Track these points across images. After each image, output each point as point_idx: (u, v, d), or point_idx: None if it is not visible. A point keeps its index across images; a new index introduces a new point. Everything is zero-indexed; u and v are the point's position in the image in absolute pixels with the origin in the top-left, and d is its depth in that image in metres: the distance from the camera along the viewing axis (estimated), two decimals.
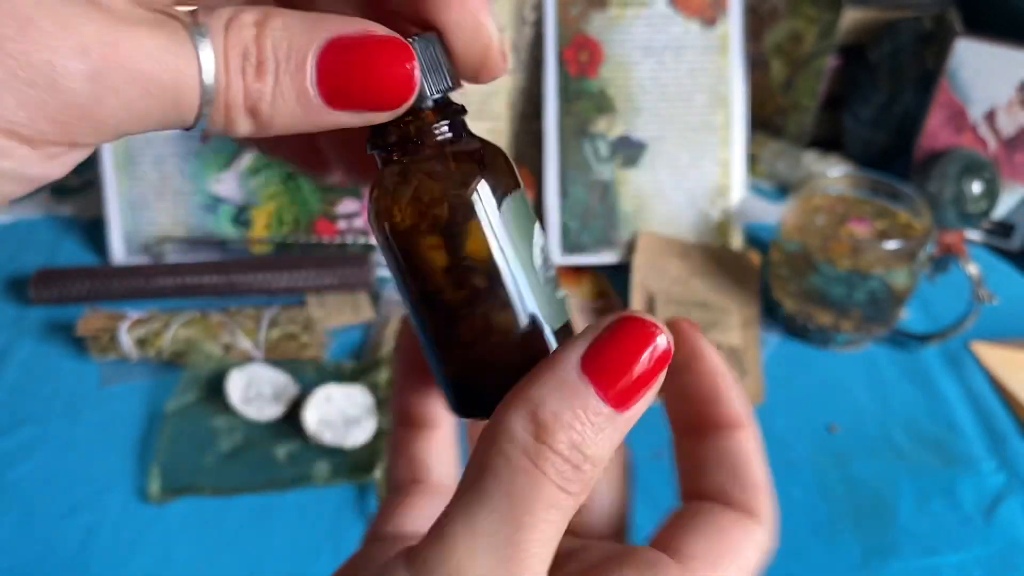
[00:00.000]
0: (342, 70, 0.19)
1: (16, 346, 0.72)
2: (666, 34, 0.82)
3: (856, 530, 0.59)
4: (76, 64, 0.16)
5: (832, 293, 0.70)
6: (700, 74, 0.83)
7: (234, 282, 0.76)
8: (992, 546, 0.58)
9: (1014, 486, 0.62)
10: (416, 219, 0.21)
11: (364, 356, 0.72)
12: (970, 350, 0.73)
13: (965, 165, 0.83)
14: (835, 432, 0.66)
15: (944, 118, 0.85)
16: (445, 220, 0.21)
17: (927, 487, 0.62)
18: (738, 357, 0.72)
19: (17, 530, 0.59)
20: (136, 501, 0.60)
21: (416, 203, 0.21)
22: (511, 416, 0.19)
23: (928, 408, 0.68)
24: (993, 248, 0.87)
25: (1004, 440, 0.66)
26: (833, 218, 0.73)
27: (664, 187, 0.83)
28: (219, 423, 0.65)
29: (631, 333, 0.20)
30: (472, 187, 0.21)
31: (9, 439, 0.65)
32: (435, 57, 0.21)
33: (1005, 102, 0.82)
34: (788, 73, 0.94)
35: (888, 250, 0.67)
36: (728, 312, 0.76)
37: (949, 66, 0.83)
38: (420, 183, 0.21)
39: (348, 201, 0.81)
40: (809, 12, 0.90)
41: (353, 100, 0.19)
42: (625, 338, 0.20)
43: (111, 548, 0.58)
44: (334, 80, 0.19)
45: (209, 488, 0.61)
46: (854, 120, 0.91)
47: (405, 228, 0.21)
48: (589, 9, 0.81)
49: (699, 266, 0.80)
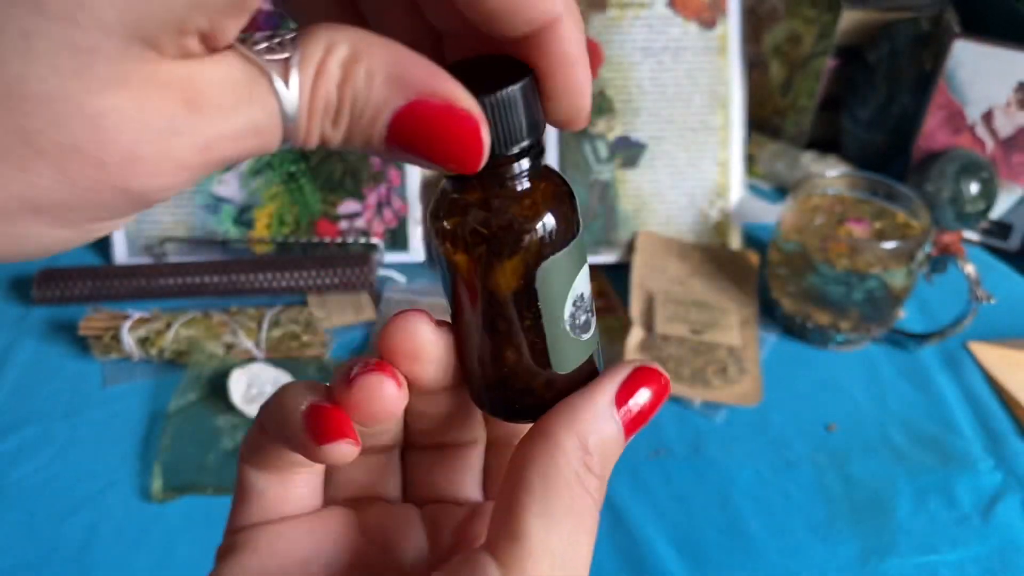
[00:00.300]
0: (413, 133, 0.19)
1: (18, 346, 0.73)
2: (665, 35, 0.83)
3: (854, 529, 0.60)
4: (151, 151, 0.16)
5: (830, 293, 0.70)
6: (699, 75, 0.83)
7: (236, 282, 0.76)
8: (989, 545, 0.59)
9: (1011, 485, 0.63)
10: (467, 250, 0.22)
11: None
12: (968, 350, 0.74)
13: (963, 165, 0.83)
14: (833, 431, 0.67)
15: (942, 119, 0.85)
16: (493, 258, 0.22)
17: (925, 486, 0.63)
18: (736, 356, 0.72)
19: (20, 529, 0.59)
20: (138, 500, 0.61)
21: (473, 235, 0.22)
22: (568, 440, 0.23)
23: (926, 407, 0.69)
24: (990, 248, 0.87)
25: (1001, 439, 0.66)
26: (831, 218, 0.73)
27: (663, 187, 0.84)
28: (221, 422, 0.65)
29: (647, 379, 0.24)
30: (527, 235, 0.22)
31: (12, 438, 0.65)
32: (521, 107, 0.21)
33: (1003, 102, 0.82)
34: (786, 74, 0.94)
35: (886, 250, 0.68)
36: (727, 312, 0.76)
37: (947, 67, 0.83)
38: (481, 217, 0.22)
39: (349, 202, 0.81)
40: (807, 13, 0.90)
41: (420, 155, 0.19)
42: (643, 383, 0.24)
43: (113, 547, 0.58)
44: (403, 139, 0.19)
45: (211, 487, 0.61)
46: (852, 121, 0.91)
47: (456, 255, 0.22)
48: (588, 10, 0.82)
49: (698, 266, 0.81)
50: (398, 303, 0.77)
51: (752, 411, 0.68)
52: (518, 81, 0.21)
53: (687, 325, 0.74)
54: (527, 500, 0.22)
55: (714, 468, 0.63)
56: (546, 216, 0.22)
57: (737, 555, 0.58)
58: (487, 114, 0.20)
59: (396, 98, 0.19)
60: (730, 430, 0.67)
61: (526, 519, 0.22)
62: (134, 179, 0.16)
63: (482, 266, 0.22)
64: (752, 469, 0.63)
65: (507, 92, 0.20)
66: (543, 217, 0.22)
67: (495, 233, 0.22)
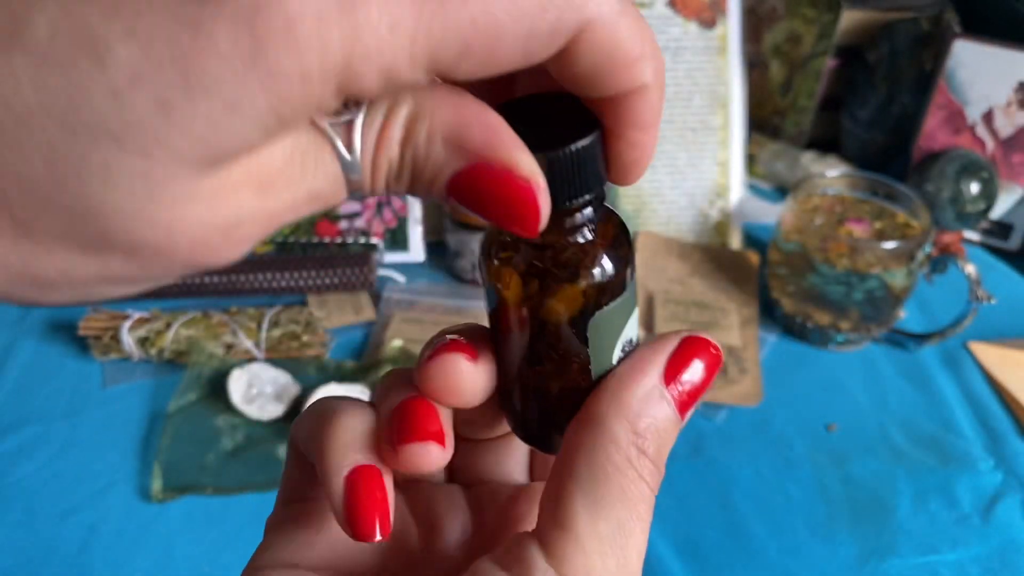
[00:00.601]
0: (470, 195, 0.19)
1: (18, 346, 0.73)
2: (665, 35, 0.83)
3: (854, 529, 0.60)
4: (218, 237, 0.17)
5: (830, 293, 0.70)
6: (699, 75, 0.83)
7: (236, 282, 0.76)
8: (989, 545, 0.59)
9: (1011, 485, 0.63)
10: (520, 289, 0.22)
11: (365, 356, 0.72)
12: (968, 350, 0.74)
13: (963, 165, 0.83)
14: (833, 431, 0.67)
15: (942, 119, 0.85)
16: (547, 300, 0.22)
17: (925, 486, 0.63)
18: (737, 356, 0.72)
19: (20, 529, 0.59)
20: (138, 500, 0.61)
21: (527, 276, 0.22)
22: (617, 425, 0.22)
23: (926, 407, 0.69)
24: (991, 248, 0.87)
25: (1001, 439, 0.66)
26: (831, 218, 0.73)
27: (663, 187, 0.84)
28: (221, 422, 0.65)
29: (697, 350, 0.23)
30: (583, 282, 0.21)
31: (12, 438, 0.65)
32: (587, 164, 0.20)
33: (1003, 102, 0.82)
34: (786, 74, 0.94)
35: (886, 250, 0.68)
36: (727, 312, 0.76)
37: (947, 67, 0.83)
38: (537, 262, 0.22)
39: (349, 202, 0.81)
40: (807, 13, 0.90)
41: (477, 212, 0.19)
42: (693, 355, 0.23)
43: (113, 547, 0.58)
44: (462, 198, 0.19)
45: (211, 487, 0.61)
46: (852, 121, 0.91)
47: (504, 294, 0.22)
48: None
49: (698, 266, 0.81)
50: (398, 303, 0.77)
51: (752, 411, 0.68)
52: (586, 137, 0.20)
53: (687, 325, 0.74)
54: (574, 489, 0.21)
55: (714, 468, 0.63)
56: (602, 264, 0.22)
57: (737, 555, 0.58)
58: (551, 168, 0.19)
59: (454, 161, 0.18)
60: (730, 430, 0.67)
61: (574, 508, 0.21)
62: (202, 259, 0.17)
63: (534, 306, 0.22)
64: (752, 469, 0.63)
65: (575, 149, 0.20)
66: (599, 265, 0.21)
67: (551, 276, 0.21)
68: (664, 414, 0.22)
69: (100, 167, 0.15)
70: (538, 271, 0.22)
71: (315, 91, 0.16)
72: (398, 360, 0.70)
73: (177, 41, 0.14)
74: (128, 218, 0.16)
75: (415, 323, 0.74)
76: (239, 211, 0.17)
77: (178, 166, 0.15)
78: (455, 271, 0.80)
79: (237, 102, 0.15)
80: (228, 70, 0.15)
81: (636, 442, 0.22)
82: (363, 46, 0.16)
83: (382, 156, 0.18)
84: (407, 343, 0.72)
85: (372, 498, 0.22)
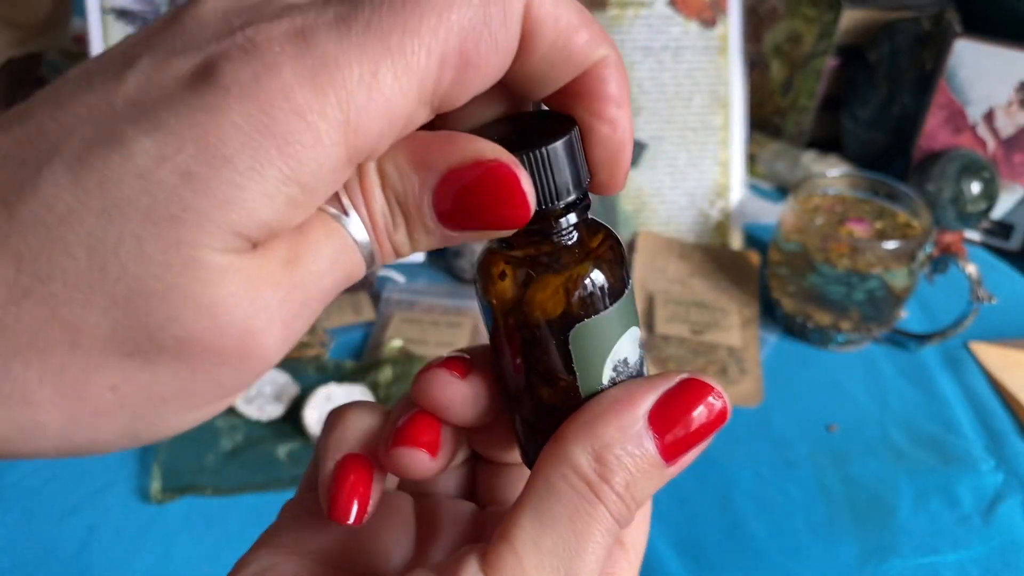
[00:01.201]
0: (457, 206, 0.19)
1: None
2: (665, 34, 0.82)
3: (855, 529, 0.59)
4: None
5: (831, 293, 0.70)
6: (699, 74, 0.83)
7: None
8: (990, 545, 0.59)
9: (1012, 485, 0.62)
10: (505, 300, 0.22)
11: (364, 356, 0.72)
12: (969, 350, 0.74)
13: (964, 165, 0.83)
14: (834, 432, 0.67)
15: (943, 118, 0.85)
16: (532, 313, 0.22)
17: (926, 486, 0.62)
18: (737, 357, 0.72)
19: (18, 529, 0.59)
20: (137, 500, 0.61)
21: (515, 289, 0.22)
22: (578, 449, 0.21)
23: (927, 408, 0.69)
24: (992, 248, 0.87)
25: (1003, 439, 0.66)
26: (832, 218, 0.73)
27: (663, 187, 0.83)
28: (220, 422, 0.65)
29: (696, 396, 0.22)
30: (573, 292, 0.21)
31: None
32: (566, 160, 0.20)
33: (1004, 102, 0.82)
34: (787, 73, 0.94)
35: (887, 250, 0.68)
36: (727, 312, 0.76)
37: (948, 66, 0.83)
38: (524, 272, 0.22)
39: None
40: (808, 13, 0.90)
41: (472, 226, 0.20)
42: (690, 400, 0.22)
43: (112, 547, 0.58)
44: (452, 215, 0.19)
45: (210, 487, 0.61)
46: (853, 120, 0.91)
47: (493, 304, 0.22)
48: (589, 9, 0.82)
49: (698, 266, 0.80)
50: (397, 303, 0.77)
51: (753, 411, 0.68)
52: (562, 134, 0.20)
53: (688, 325, 0.74)
54: (524, 502, 0.21)
55: (714, 468, 0.63)
56: (586, 270, 0.21)
57: (737, 555, 0.58)
58: (531, 170, 0.20)
59: (430, 179, 0.19)
60: (731, 430, 0.66)
61: (519, 521, 0.21)
62: (248, 355, 0.18)
63: (519, 313, 0.22)
64: (753, 469, 0.63)
65: (550, 145, 0.20)
66: (581, 269, 0.21)
67: (533, 276, 0.21)
68: (643, 452, 0.21)
69: (133, 241, 0.16)
70: (523, 277, 0.21)
71: (328, 152, 0.17)
72: (398, 360, 0.69)
73: (195, 123, 0.16)
74: (167, 299, 0.16)
75: (415, 323, 0.74)
76: (275, 288, 0.18)
77: (208, 233, 0.16)
78: (455, 271, 0.80)
79: (257, 167, 0.16)
80: (245, 139, 0.16)
81: (597, 469, 0.21)
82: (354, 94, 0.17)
83: (374, 209, 0.19)
84: (407, 343, 0.72)
85: (354, 483, 0.23)
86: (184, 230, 0.16)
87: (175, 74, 0.17)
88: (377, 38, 0.17)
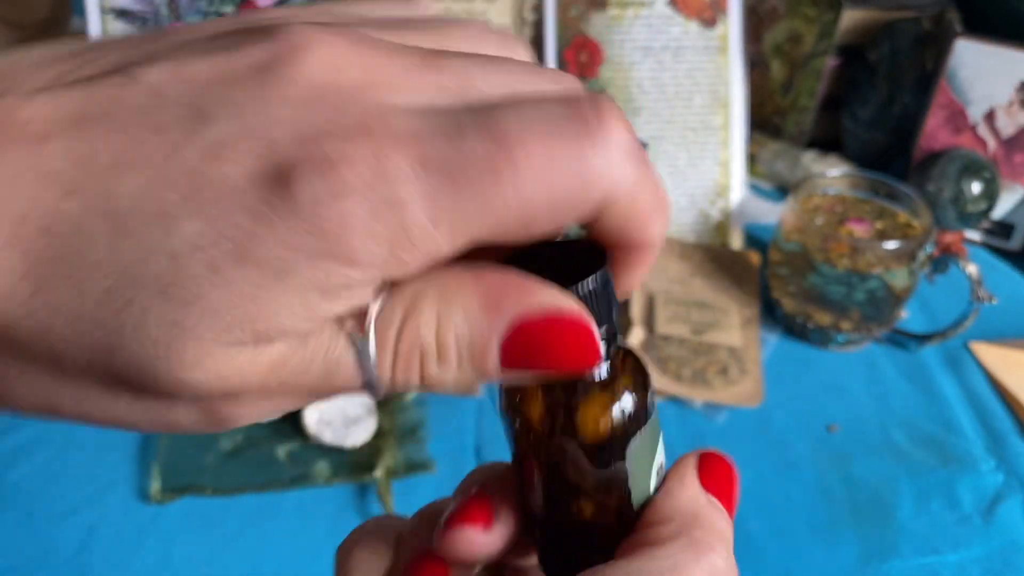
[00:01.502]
0: (525, 353, 0.19)
1: None
2: (666, 34, 0.82)
3: (855, 530, 0.59)
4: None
5: (831, 293, 0.70)
6: (699, 74, 0.83)
7: None
8: (991, 546, 0.59)
9: (1013, 485, 0.62)
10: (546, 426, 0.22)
11: None
12: (969, 350, 0.74)
13: (964, 165, 0.83)
14: (834, 432, 0.66)
15: (943, 118, 0.85)
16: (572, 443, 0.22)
17: (926, 487, 0.62)
18: (738, 357, 0.72)
19: (18, 529, 0.59)
20: (137, 501, 0.61)
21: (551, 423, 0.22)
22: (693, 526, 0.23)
23: (927, 408, 0.69)
24: (992, 248, 0.87)
25: (1003, 440, 0.66)
26: (832, 218, 0.73)
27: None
28: None
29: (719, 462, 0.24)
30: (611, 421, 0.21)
31: (10, 439, 0.65)
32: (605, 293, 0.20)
33: (1004, 102, 0.82)
34: (787, 73, 0.94)
35: (887, 250, 0.68)
36: (727, 312, 0.76)
37: (948, 66, 0.83)
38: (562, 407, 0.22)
39: None
40: (808, 12, 0.90)
41: (536, 368, 0.19)
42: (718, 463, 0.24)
43: (112, 547, 0.58)
44: (518, 360, 0.19)
45: (210, 488, 0.61)
46: (853, 120, 0.91)
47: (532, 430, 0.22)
48: (589, 9, 0.82)
49: (698, 266, 0.80)
50: None
51: (753, 412, 0.68)
52: (598, 267, 0.20)
53: (688, 325, 0.74)
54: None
55: None
56: (632, 387, 0.22)
57: (737, 555, 0.58)
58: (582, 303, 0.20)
59: (499, 325, 0.19)
60: (731, 431, 0.66)
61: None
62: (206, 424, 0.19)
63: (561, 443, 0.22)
64: (753, 470, 0.63)
65: (595, 282, 0.20)
66: (630, 388, 0.22)
67: (587, 407, 0.21)
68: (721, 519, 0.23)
69: (140, 310, 0.17)
70: (565, 398, 0.21)
71: (356, 275, 0.17)
72: None
73: (240, 225, 0.16)
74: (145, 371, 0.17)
75: None
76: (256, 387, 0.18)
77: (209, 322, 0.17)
78: None
79: (285, 273, 0.17)
80: (282, 249, 0.16)
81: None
82: (407, 238, 0.17)
83: (407, 343, 0.19)
84: None
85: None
86: (187, 314, 0.17)
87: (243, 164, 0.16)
88: (456, 201, 0.17)
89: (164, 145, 0.17)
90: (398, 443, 0.63)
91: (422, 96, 0.18)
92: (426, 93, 0.18)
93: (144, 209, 0.16)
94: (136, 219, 0.16)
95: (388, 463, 0.62)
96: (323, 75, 0.17)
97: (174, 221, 0.16)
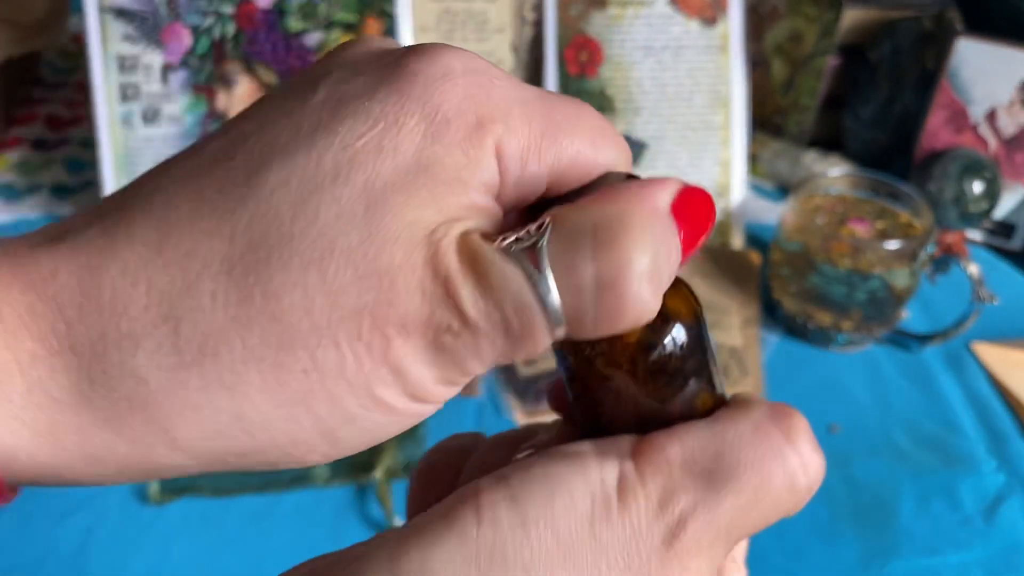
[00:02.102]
0: (695, 216, 0.21)
1: None
2: (666, 34, 0.82)
3: (856, 530, 0.59)
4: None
5: (832, 293, 0.70)
6: (700, 74, 0.83)
7: None
8: (992, 546, 0.58)
9: (1014, 486, 0.62)
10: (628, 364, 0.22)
11: None
12: (971, 350, 0.73)
13: (966, 165, 0.83)
14: (835, 432, 0.66)
15: (945, 118, 0.85)
16: (679, 319, 0.22)
17: (927, 487, 0.62)
18: (738, 357, 0.71)
19: (16, 530, 0.59)
20: (136, 501, 0.60)
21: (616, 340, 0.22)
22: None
23: (928, 408, 0.68)
24: (994, 248, 0.87)
25: (1005, 440, 0.66)
26: (833, 218, 0.73)
27: None
28: None
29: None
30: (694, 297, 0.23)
31: None
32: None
33: (1006, 102, 0.82)
34: (788, 73, 0.94)
35: (888, 250, 0.67)
36: (728, 312, 0.75)
37: (949, 66, 0.83)
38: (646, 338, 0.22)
39: None
40: (809, 11, 0.90)
41: (705, 233, 0.21)
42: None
43: (111, 548, 0.57)
44: (691, 224, 0.21)
45: (209, 488, 0.60)
46: (854, 120, 0.91)
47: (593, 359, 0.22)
48: (589, 9, 0.81)
49: (699, 266, 0.80)
50: None
51: None
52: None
53: None
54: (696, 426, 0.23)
55: None
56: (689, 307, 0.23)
57: None
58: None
59: (666, 197, 0.20)
60: None
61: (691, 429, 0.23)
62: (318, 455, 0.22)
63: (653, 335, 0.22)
64: None
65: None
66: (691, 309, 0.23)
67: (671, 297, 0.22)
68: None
69: (333, 347, 0.19)
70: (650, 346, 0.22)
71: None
72: None
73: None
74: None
75: None
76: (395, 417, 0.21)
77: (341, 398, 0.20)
78: None
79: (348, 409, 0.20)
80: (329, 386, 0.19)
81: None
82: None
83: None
84: None
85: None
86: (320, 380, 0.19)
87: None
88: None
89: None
90: (398, 443, 0.63)
91: None
92: None
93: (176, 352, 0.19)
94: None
95: (387, 464, 0.61)
96: None
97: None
